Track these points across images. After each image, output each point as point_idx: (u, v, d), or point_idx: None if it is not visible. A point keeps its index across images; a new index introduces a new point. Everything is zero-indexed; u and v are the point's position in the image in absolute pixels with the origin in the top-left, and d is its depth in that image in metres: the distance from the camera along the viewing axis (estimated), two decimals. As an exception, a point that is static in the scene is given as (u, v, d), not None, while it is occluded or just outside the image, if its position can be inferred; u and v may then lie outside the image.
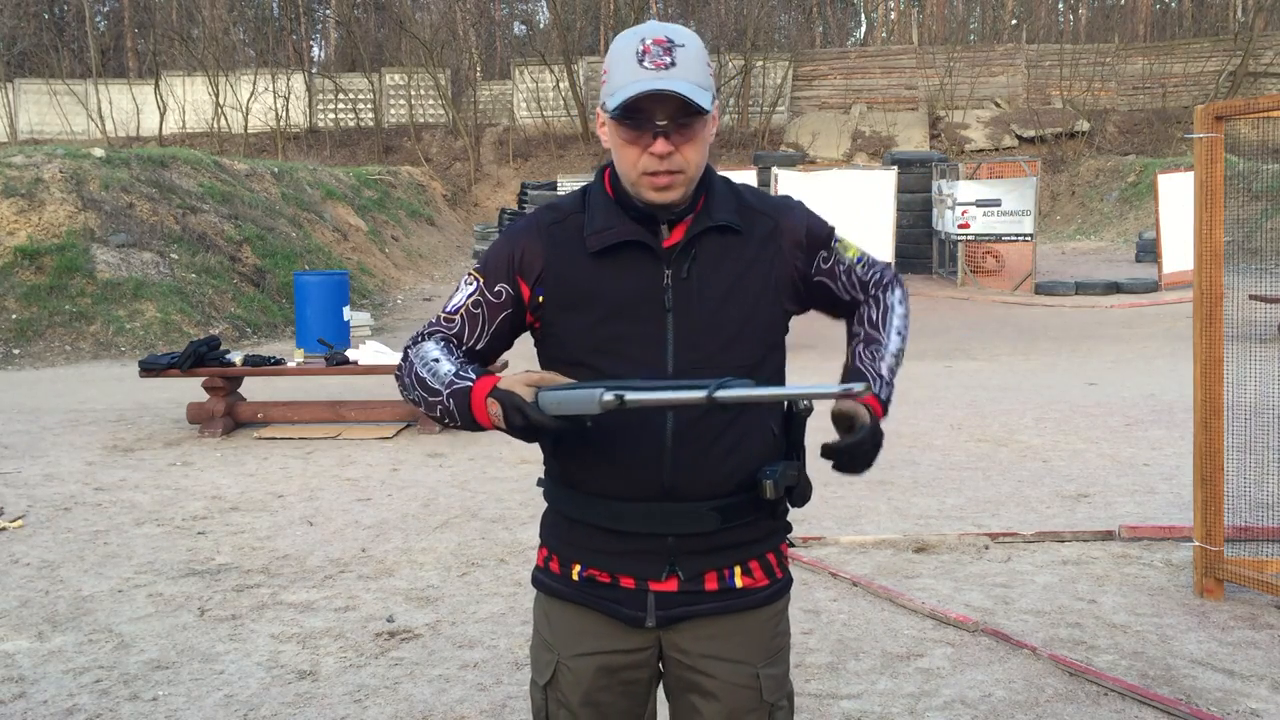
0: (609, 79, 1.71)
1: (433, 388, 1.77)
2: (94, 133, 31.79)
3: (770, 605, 1.88)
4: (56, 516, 5.96)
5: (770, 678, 1.85)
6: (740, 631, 1.84)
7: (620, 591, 1.81)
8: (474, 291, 1.85)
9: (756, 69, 31.79)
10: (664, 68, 1.67)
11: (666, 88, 1.65)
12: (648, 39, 1.69)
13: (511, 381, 1.70)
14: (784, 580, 1.91)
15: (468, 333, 1.86)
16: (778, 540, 1.90)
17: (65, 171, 15.21)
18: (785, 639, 1.92)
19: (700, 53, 1.71)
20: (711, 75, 1.75)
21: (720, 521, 1.78)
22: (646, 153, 1.70)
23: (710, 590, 1.81)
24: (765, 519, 1.85)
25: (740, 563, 1.83)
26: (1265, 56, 30.06)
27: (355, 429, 8.14)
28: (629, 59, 1.69)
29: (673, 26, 1.72)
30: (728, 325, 1.77)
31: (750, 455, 1.78)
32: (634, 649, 1.83)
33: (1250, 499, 4.75)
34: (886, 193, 18.59)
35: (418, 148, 31.49)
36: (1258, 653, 3.80)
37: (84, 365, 12.30)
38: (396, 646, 4.03)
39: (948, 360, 11.16)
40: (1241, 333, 5.14)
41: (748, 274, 1.79)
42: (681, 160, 1.71)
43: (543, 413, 1.64)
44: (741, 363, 1.76)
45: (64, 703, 3.62)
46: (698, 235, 1.78)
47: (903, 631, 4.06)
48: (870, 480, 6.36)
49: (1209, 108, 4.27)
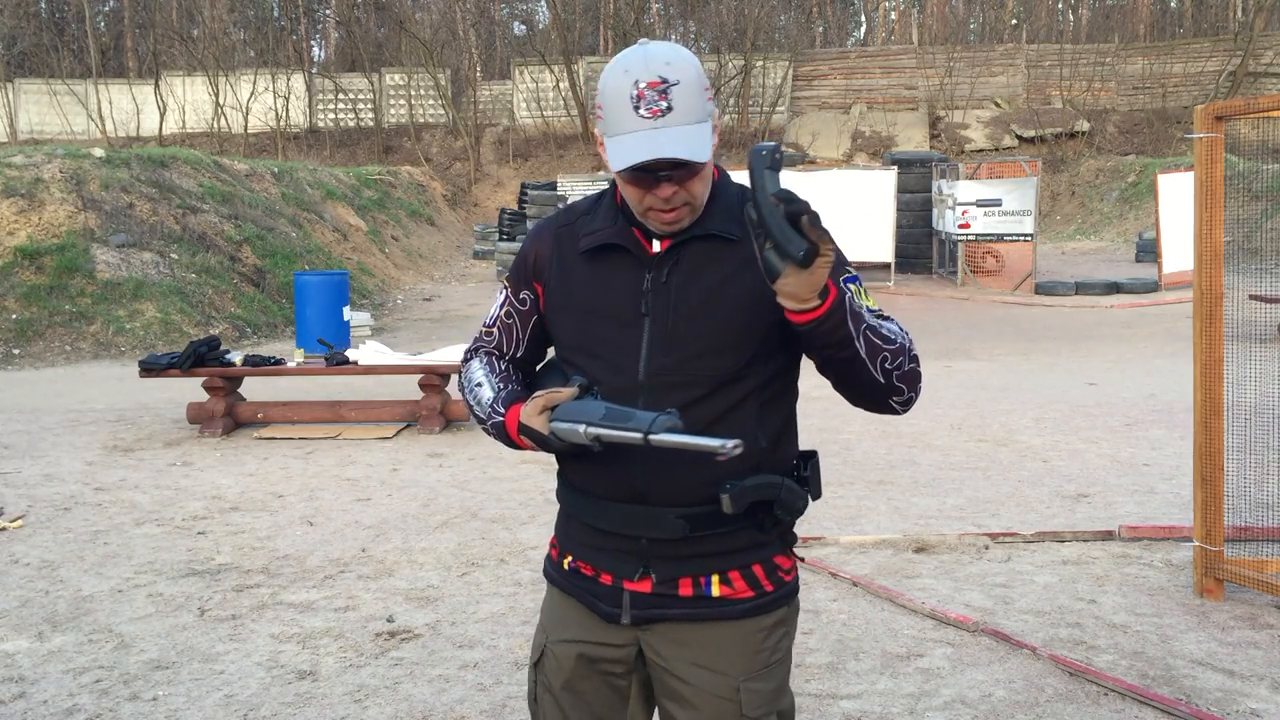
0: (604, 116, 1.69)
1: (479, 415, 1.90)
2: (94, 133, 31.81)
3: (756, 618, 1.81)
4: (56, 516, 5.96)
5: (754, 692, 1.80)
6: (719, 641, 1.80)
7: (600, 586, 1.85)
8: (504, 302, 1.94)
9: (756, 69, 31.80)
10: (660, 114, 1.64)
11: (664, 156, 1.63)
12: (641, 83, 1.64)
13: (529, 414, 1.77)
14: (776, 594, 1.84)
15: (506, 344, 1.95)
16: (769, 552, 1.83)
17: (65, 171, 15.21)
18: (779, 655, 1.84)
19: (696, 80, 1.67)
20: (707, 89, 1.72)
21: (688, 529, 1.75)
22: (650, 193, 1.70)
23: (684, 596, 1.80)
24: (749, 530, 1.79)
25: (719, 571, 1.80)
26: (1265, 56, 30.08)
27: (355, 429, 8.14)
28: (624, 104, 1.65)
29: (664, 55, 1.66)
30: (703, 334, 1.74)
31: (724, 466, 1.71)
32: (613, 644, 1.85)
33: (1250, 499, 4.75)
34: (886, 193, 18.61)
35: (418, 148, 31.50)
36: (1258, 653, 3.80)
37: (84, 365, 12.30)
38: (396, 646, 4.03)
39: (948, 360, 11.16)
40: (1241, 333, 5.14)
41: (733, 282, 1.74)
42: (687, 196, 1.71)
43: (561, 442, 1.74)
44: (716, 372, 1.74)
45: (64, 703, 3.62)
46: (684, 242, 1.77)
47: (903, 631, 4.06)
48: (870, 480, 6.36)
49: (1209, 108, 4.27)
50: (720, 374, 1.74)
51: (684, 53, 1.70)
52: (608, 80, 1.68)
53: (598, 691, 1.87)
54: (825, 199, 18.66)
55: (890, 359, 1.68)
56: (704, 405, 1.73)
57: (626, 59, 1.67)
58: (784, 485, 1.76)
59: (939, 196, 19.45)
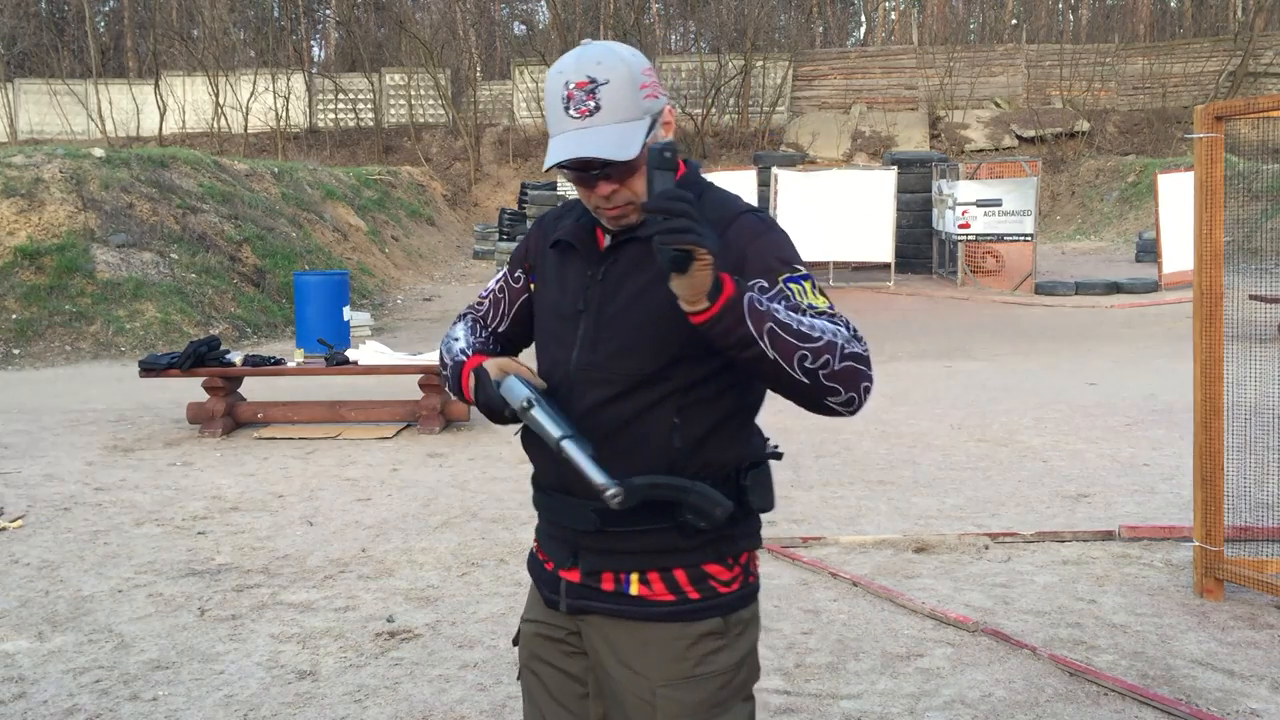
0: (546, 117, 1.74)
1: (445, 361, 1.98)
2: (94, 133, 31.80)
3: (679, 624, 1.76)
4: (56, 516, 5.96)
5: (672, 700, 1.74)
6: (642, 641, 1.78)
7: (546, 572, 1.90)
8: (501, 277, 2.04)
9: (756, 69, 31.80)
10: (587, 114, 1.67)
11: (582, 155, 1.65)
12: (571, 83, 1.68)
13: (491, 364, 1.84)
14: (703, 604, 1.77)
15: (492, 314, 2.03)
16: (695, 559, 1.77)
17: (65, 171, 15.21)
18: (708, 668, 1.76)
19: (627, 78, 1.68)
20: (648, 88, 1.72)
21: (600, 523, 1.75)
22: (593, 192, 1.73)
23: (606, 590, 1.80)
24: (668, 532, 1.75)
25: (639, 570, 1.78)
26: (1265, 56, 30.08)
27: (355, 429, 8.14)
28: (557, 104, 1.69)
29: (597, 55, 1.68)
30: (622, 332, 1.75)
31: (636, 464, 1.71)
32: (559, 628, 1.88)
33: (1250, 499, 4.75)
34: (886, 193, 18.60)
35: (418, 148, 31.50)
36: (1258, 653, 3.80)
37: (84, 365, 12.30)
38: (396, 646, 4.03)
39: (948, 360, 11.17)
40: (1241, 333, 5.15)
41: (659, 282, 1.67)
42: (629, 194, 1.73)
43: (497, 392, 1.79)
44: (632, 371, 1.73)
45: (64, 703, 3.62)
46: (624, 242, 1.78)
47: (903, 631, 4.06)
48: (870, 480, 6.36)
49: (1209, 108, 4.27)
50: (636, 374, 1.73)
51: (621, 51, 1.71)
52: (547, 82, 1.74)
53: (554, 678, 1.89)
54: (825, 199, 18.68)
55: (811, 357, 1.57)
56: (620, 403, 1.74)
57: (563, 60, 1.72)
58: (693, 490, 1.70)
59: (939, 196, 19.45)
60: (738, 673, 1.80)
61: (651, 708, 1.76)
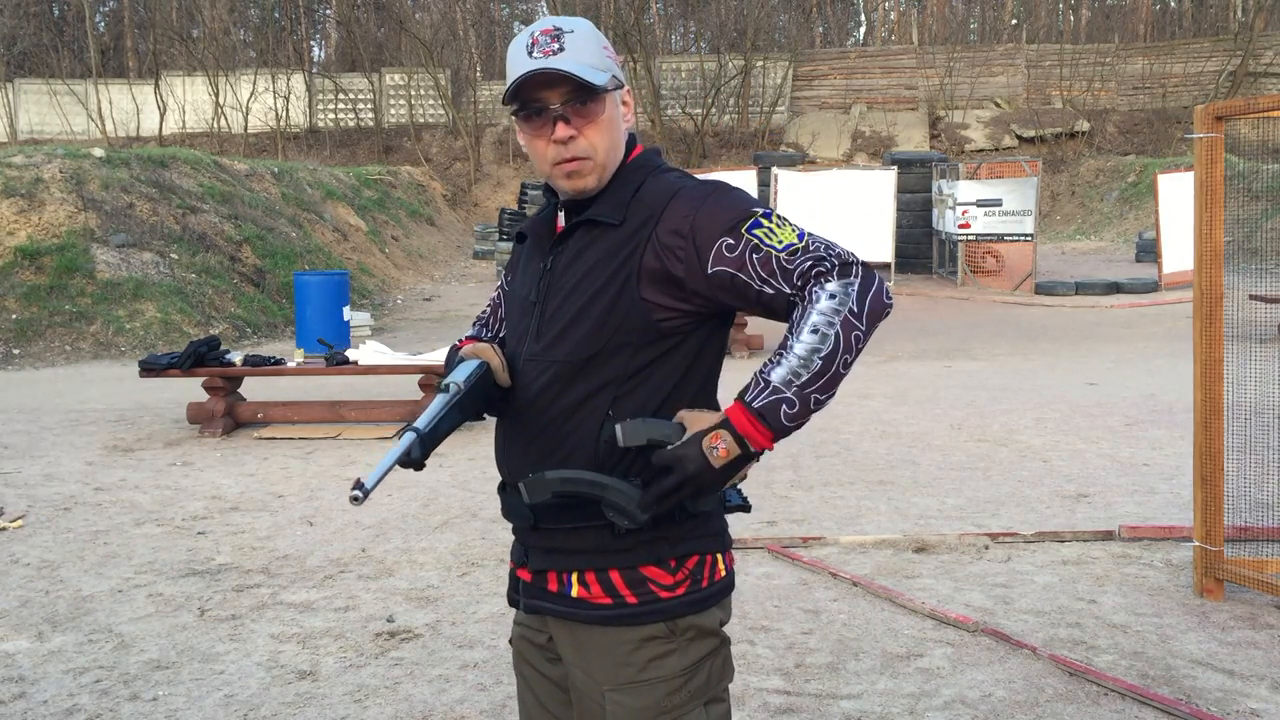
0: (507, 83, 1.73)
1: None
2: (94, 133, 31.79)
3: (619, 628, 1.71)
4: (56, 516, 5.96)
5: (620, 705, 1.70)
6: (590, 644, 1.74)
7: (510, 570, 1.90)
8: (501, 283, 2.03)
9: (756, 69, 31.79)
10: (552, 54, 1.67)
11: (551, 66, 1.66)
12: (536, 31, 1.70)
13: (470, 347, 1.81)
14: (641, 608, 1.70)
15: (493, 319, 2.03)
16: (631, 560, 1.70)
17: (65, 171, 15.21)
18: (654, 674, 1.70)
19: (592, 37, 1.70)
20: (611, 58, 1.74)
21: (533, 519, 1.74)
22: (552, 143, 1.71)
23: (551, 591, 1.77)
24: (600, 531, 1.70)
25: (577, 570, 1.73)
26: (1265, 56, 30.07)
27: (355, 429, 8.14)
28: (520, 55, 1.70)
29: (564, 18, 1.72)
30: (562, 318, 1.72)
31: (566, 459, 1.69)
32: (540, 632, 1.84)
33: (1250, 499, 4.75)
34: (886, 193, 18.61)
35: (418, 148, 31.49)
36: (1258, 653, 3.80)
37: (84, 365, 12.30)
38: (396, 646, 4.03)
39: (948, 360, 11.17)
40: (1241, 333, 5.14)
41: (602, 266, 1.69)
42: (586, 145, 1.71)
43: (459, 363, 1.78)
44: (569, 357, 1.71)
45: (64, 703, 3.62)
46: (572, 229, 1.77)
47: (903, 631, 4.06)
48: (870, 480, 6.36)
49: (1209, 108, 4.27)
50: (571, 360, 1.71)
51: (586, 22, 1.74)
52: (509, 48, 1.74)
53: (535, 679, 1.87)
54: (825, 199, 18.68)
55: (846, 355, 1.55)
56: (558, 392, 1.72)
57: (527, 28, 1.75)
58: (610, 486, 1.64)
59: (939, 196, 19.45)
60: (691, 677, 1.72)
61: (602, 710, 1.72)
